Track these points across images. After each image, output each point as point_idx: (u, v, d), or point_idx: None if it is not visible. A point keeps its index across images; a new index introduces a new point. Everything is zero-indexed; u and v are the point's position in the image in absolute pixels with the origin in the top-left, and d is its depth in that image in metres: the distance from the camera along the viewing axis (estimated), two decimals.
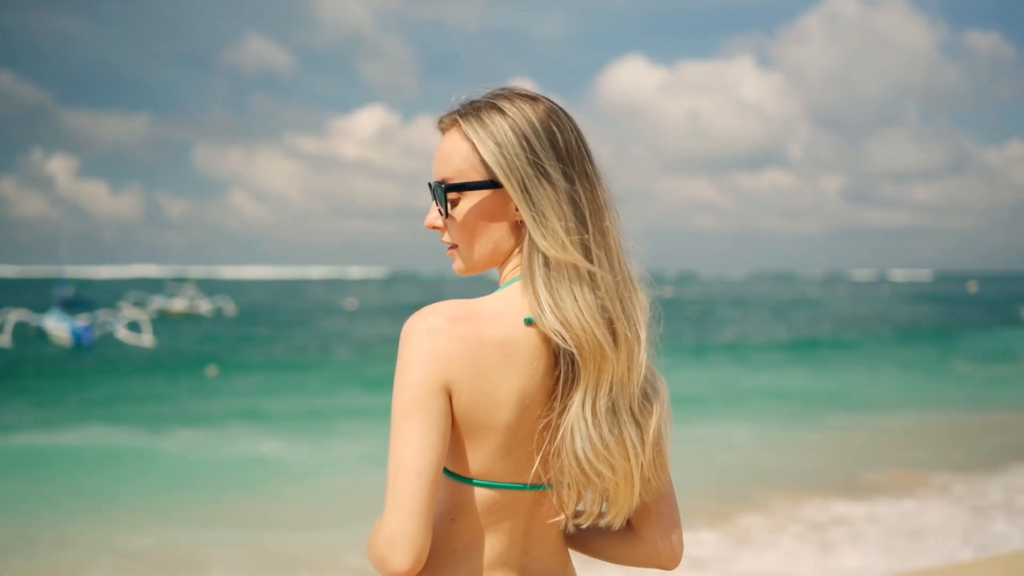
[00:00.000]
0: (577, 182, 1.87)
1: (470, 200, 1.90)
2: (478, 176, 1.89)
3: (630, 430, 1.85)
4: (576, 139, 1.90)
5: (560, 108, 1.93)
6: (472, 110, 1.91)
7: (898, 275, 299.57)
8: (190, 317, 60.92)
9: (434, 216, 1.96)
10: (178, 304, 63.46)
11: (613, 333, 1.83)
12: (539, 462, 1.85)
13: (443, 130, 1.95)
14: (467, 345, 1.78)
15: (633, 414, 1.87)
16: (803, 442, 17.24)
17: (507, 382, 1.81)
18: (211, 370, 30.10)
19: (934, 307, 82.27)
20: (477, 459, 1.84)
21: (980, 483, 13.10)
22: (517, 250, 1.92)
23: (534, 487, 1.88)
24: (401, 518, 1.74)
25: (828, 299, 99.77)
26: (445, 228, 1.96)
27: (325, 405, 22.41)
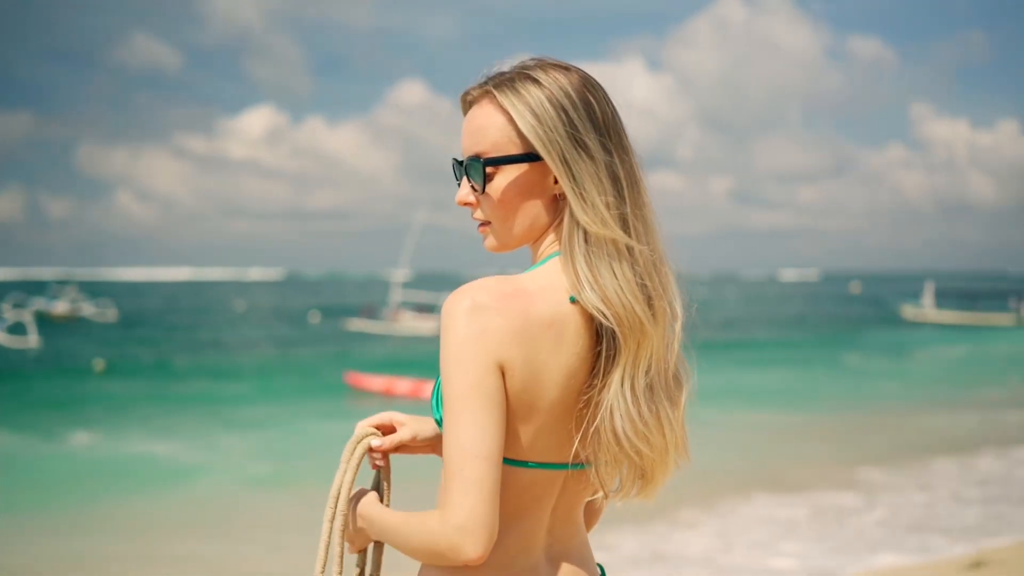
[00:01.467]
0: (615, 154, 1.82)
1: (507, 174, 1.83)
2: (516, 149, 1.82)
3: (666, 407, 1.82)
4: (611, 109, 1.85)
5: (592, 77, 1.88)
6: (505, 80, 1.84)
7: (788, 275, 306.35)
8: (72, 320, 59.48)
9: (466, 192, 1.87)
10: (60, 307, 61.97)
11: (652, 309, 1.79)
12: (578, 440, 1.80)
13: (471, 102, 1.88)
14: (518, 323, 1.72)
15: (668, 391, 1.83)
16: (708, 439, 17.40)
17: (555, 361, 1.76)
18: (98, 363, 29.99)
19: (821, 306, 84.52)
20: (519, 438, 1.78)
21: (900, 476, 13.49)
22: (553, 225, 1.86)
23: (573, 466, 1.83)
24: (473, 503, 1.66)
25: (717, 299, 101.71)
26: (478, 204, 1.87)
27: (210, 407, 22.29)
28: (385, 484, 2.03)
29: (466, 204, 1.89)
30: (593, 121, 1.81)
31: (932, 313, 61.32)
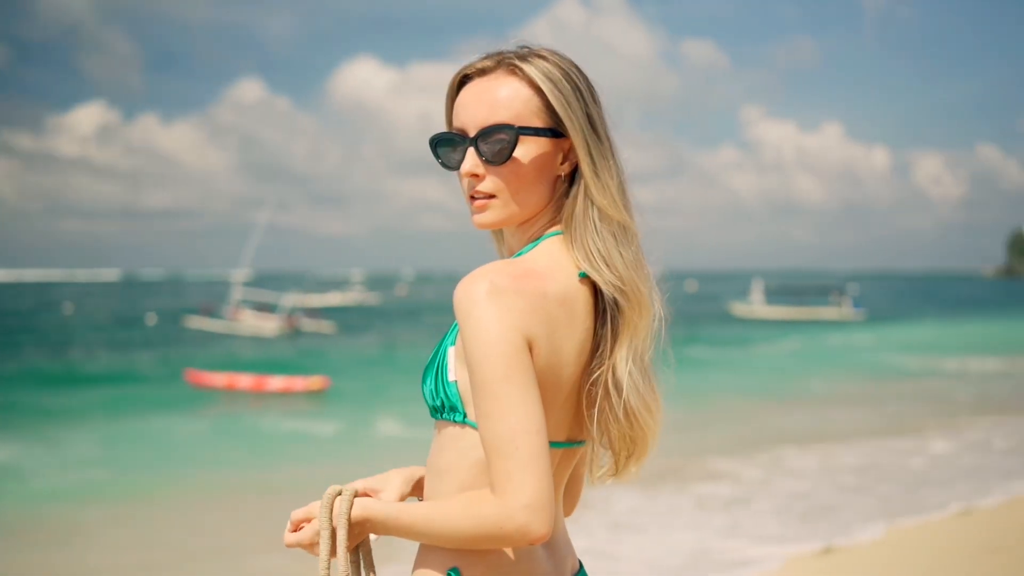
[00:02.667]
0: (612, 135, 1.87)
1: (527, 148, 1.82)
2: (539, 123, 1.82)
3: (656, 382, 1.88)
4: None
5: None
6: (528, 55, 1.84)
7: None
8: None
9: (475, 163, 1.83)
10: None
11: (649, 288, 1.85)
12: (585, 418, 1.83)
13: (484, 71, 1.86)
14: (537, 302, 1.73)
15: (653, 368, 1.89)
16: None
17: (570, 338, 1.78)
18: None
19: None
20: None
21: (753, 467, 13.81)
22: (550, 205, 1.87)
23: (569, 444, 1.85)
24: (536, 480, 1.63)
25: None
26: (483, 177, 1.84)
27: (39, 413, 21.30)
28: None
29: (474, 176, 1.84)
30: (597, 102, 1.86)
31: (761, 309, 63.17)
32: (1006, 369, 28.66)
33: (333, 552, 1.77)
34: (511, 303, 1.69)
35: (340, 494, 1.78)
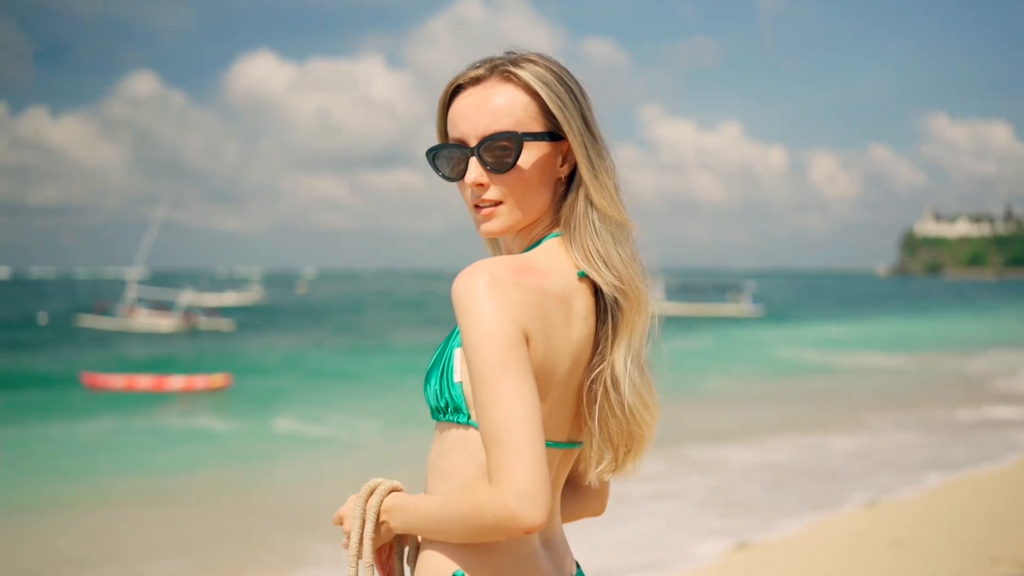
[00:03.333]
0: (605, 138, 1.89)
1: (530, 153, 1.83)
2: (539, 127, 1.83)
3: (653, 379, 1.90)
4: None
5: None
6: (516, 61, 1.85)
7: None
8: None
9: (480, 172, 1.83)
10: None
11: (646, 286, 1.87)
12: (584, 418, 1.84)
13: (478, 79, 1.86)
14: (535, 297, 1.73)
15: (649, 364, 1.90)
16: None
17: (566, 336, 1.78)
18: None
19: None
20: None
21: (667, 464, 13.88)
22: (551, 207, 1.88)
23: (569, 445, 1.87)
24: (528, 467, 1.62)
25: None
26: (489, 185, 1.84)
27: None
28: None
29: (479, 185, 1.84)
30: (591, 105, 1.87)
31: (661, 306, 63.51)
32: (902, 365, 29.44)
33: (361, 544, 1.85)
34: (510, 296, 1.70)
35: (376, 488, 1.87)
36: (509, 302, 1.69)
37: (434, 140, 1.95)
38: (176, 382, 24.14)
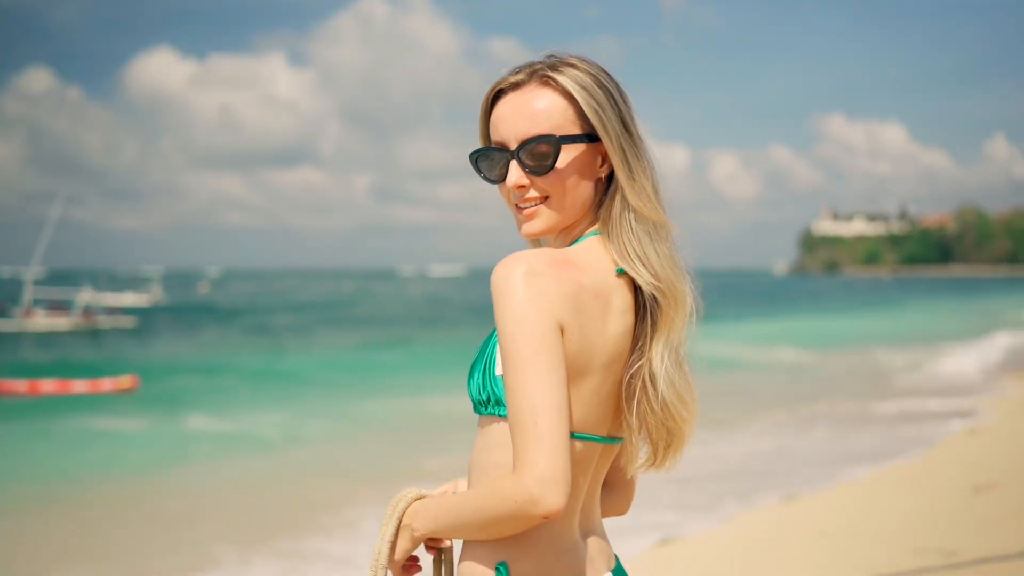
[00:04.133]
0: (644, 137, 1.93)
1: (568, 155, 1.88)
2: (577, 130, 1.88)
3: (691, 375, 1.93)
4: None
5: None
6: (554, 65, 1.90)
7: (437, 270, 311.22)
8: None
9: (520, 175, 1.89)
10: None
11: (684, 284, 1.91)
12: (624, 413, 1.87)
13: (518, 84, 1.91)
14: (572, 289, 1.76)
15: (687, 361, 1.94)
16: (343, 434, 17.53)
17: (602, 331, 1.81)
18: None
19: (466, 298, 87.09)
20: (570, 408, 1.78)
21: None
22: (591, 207, 1.93)
23: (610, 440, 1.90)
24: (551, 454, 1.65)
25: (367, 294, 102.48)
26: (530, 186, 1.90)
27: None
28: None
29: (519, 187, 1.90)
30: (629, 106, 1.92)
31: None
32: (805, 361, 30.04)
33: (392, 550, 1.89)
34: (546, 286, 1.73)
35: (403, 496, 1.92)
36: (545, 291, 1.72)
37: (476, 143, 2.00)
38: (81, 385, 23.61)
